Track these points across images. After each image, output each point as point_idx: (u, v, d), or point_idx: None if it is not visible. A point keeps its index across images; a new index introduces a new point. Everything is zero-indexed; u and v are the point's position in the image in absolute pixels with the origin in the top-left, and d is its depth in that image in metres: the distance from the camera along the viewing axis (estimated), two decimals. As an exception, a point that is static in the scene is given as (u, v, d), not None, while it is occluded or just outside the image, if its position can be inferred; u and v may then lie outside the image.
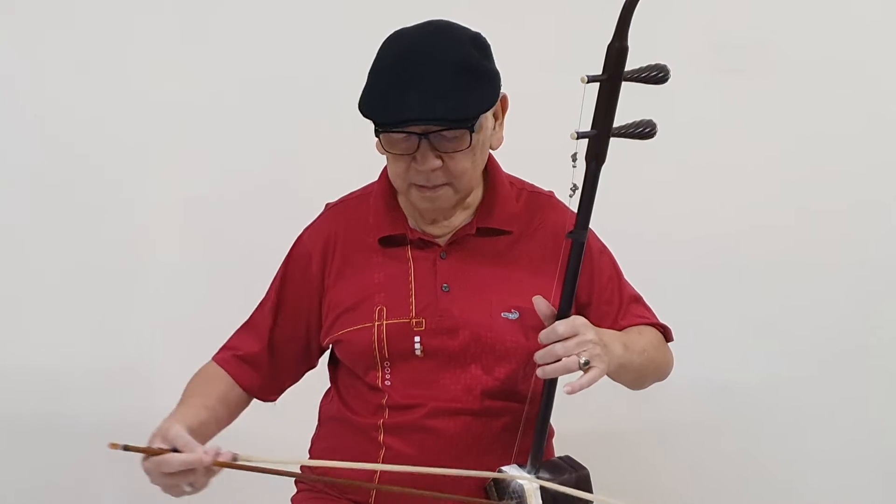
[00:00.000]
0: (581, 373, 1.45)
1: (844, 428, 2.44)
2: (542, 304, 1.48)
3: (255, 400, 1.73)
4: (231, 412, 1.68)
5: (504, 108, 1.61)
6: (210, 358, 1.73)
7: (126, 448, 1.33)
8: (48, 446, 2.33)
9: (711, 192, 2.40)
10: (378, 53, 1.55)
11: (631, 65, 1.37)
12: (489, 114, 1.56)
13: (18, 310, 2.33)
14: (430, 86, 1.48)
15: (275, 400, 1.75)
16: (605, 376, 1.54)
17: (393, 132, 1.51)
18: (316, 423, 1.76)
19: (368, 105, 1.52)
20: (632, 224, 2.32)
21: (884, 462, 2.45)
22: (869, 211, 2.42)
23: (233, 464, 1.38)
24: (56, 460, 2.33)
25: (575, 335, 1.44)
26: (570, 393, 1.44)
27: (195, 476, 1.37)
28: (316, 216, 1.73)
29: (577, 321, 1.46)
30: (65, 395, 2.34)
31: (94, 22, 2.32)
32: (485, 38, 1.56)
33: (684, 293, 2.33)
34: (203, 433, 1.52)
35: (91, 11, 2.31)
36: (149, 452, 1.37)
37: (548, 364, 1.44)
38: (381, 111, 1.50)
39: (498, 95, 1.56)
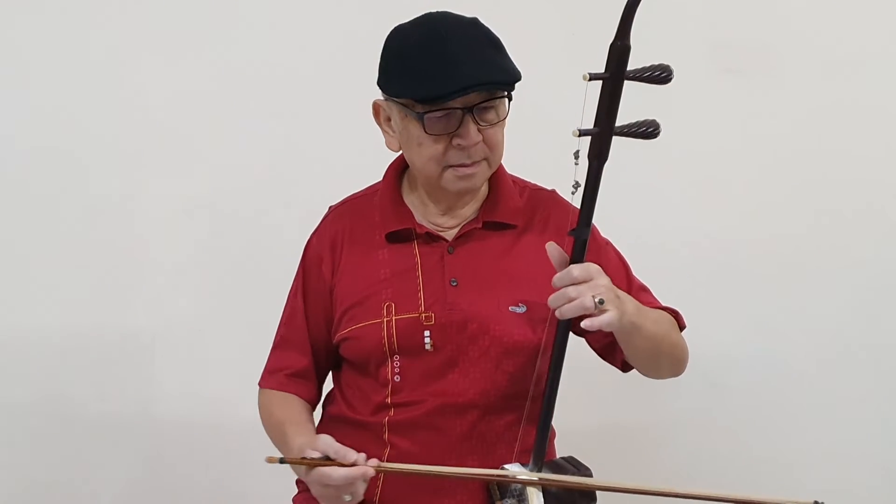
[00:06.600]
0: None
1: (844, 426, 2.44)
2: (554, 251, 1.47)
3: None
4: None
5: None
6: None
7: (282, 461, 1.39)
8: (48, 447, 2.33)
9: (709, 192, 2.40)
10: (396, 43, 1.56)
11: (632, 64, 1.36)
12: None
13: (18, 311, 2.32)
14: (477, 56, 1.50)
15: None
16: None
17: (436, 110, 1.50)
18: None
19: (414, 86, 1.52)
20: (630, 224, 2.31)
21: (882, 460, 2.45)
22: (867, 210, 2.42)
23: (386, 466, 1.47)
24: (56, 458, 2.33)
25: (589, 280, 1.43)
26: (588, 328, 1.42)
27: (355, 486, 1.40)
28: (321, 217, 1.73)
29: (591, 267, 1.45)
30: (65, 395, 2.33)
31: (88, 25, 2.31)
32: None
33: (682, 293, 2.29)
34: None
35: (85, 14, 2.30)
36: (304, 464, 1.40)
37: (562, 305, 1.43)
38: (438, 85, 1.48)
39: None
